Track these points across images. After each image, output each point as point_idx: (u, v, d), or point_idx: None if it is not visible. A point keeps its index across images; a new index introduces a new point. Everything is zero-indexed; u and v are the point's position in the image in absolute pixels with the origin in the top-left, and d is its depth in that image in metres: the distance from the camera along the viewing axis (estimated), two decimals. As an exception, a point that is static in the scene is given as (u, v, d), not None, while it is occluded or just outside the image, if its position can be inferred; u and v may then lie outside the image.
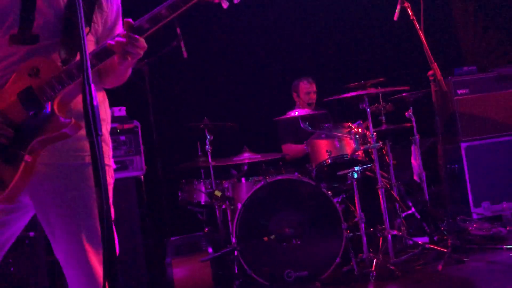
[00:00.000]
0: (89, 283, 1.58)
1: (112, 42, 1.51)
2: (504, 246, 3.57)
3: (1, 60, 1.56)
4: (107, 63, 1.58)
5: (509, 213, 4.22)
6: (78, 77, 1.51)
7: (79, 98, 1.23)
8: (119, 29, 1.74)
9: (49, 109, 1.52)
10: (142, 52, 1.55)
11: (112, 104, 1.83)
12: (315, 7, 5.56)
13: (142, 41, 1.53)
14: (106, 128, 1.71)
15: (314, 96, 4.61)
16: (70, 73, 1.51)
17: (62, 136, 1.52)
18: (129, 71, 1.73)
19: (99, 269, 1.58)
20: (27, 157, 1.50)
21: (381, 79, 4.04)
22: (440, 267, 3.27)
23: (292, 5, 5.51)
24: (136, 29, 1.52)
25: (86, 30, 1.61)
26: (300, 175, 3.64)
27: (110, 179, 1.70)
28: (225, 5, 1.57)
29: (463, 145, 4.45)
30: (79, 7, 1.19)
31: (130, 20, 1.54)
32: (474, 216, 4.32)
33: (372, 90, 3.68)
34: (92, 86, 1.18)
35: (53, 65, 1.54)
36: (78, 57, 1.57)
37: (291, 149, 4.50)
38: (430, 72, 3.64)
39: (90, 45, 1.66)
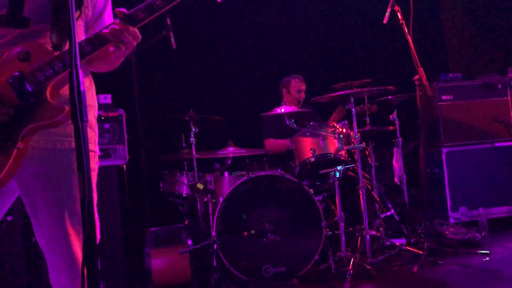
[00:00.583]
0: (70, 268, 1.58)
1: (107, 30, 1.50)
2: (478, 251, 3.65)
3: None
4: (101, 50, 1.56)
5: (485, 219, 4.30)
6: None
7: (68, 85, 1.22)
8: (108, 15, 1.73)
9: (41, 95, 1.49)
10: (135, 42, 1.54)
11: (98, 91, 1.82)
12: (305, 6, 5.58)
13: (136, 31, 1.52)
14: (93, 114, 1.70)
15: (303, 95, 4.64)
16: (63, 60, 1.50)
17: (56, 124, 1.51)
18: (120, 60, 1.73)
19: (79, 254, 1.58)
20: (20, 144, 1.48)
21: (368, 80, 4.08)
22: (415, 269, 3.33)
23: (283, 3, 5.51)
24: (130, 18, 1.51)
25: (77, 14, 1.59)
26: (283, 172, 3.67)
27: (95, 165, 1.70)
28: None
29: (444, 150, 4.52)
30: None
31: (124, 9, 1.53)
32: (451, 220, 4.40)
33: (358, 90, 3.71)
34: (80, 71, 1.17)
35: (44, 50, 1.52)
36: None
37: (273, 144, 4.52)
38: (416, 77, 3.69)
39: (80, 30, 1.65)
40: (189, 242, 3.57)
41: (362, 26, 5.62)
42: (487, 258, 3.52)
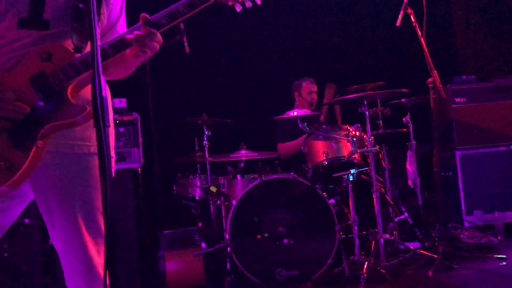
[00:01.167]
0: (86, 272, 1.59)
1: (131, 35, 1.53)
2: (495, 256, 3.60)
3: (10, 42, 1.56)
4: (119, 55, 1.59)
5: (500, 223, 4.25)
6: None
7: (89, 85, 1.24)
8: (121, 25, 1.77)
9: (62, 95, 1.52)
10: (158, 47, 1.57)
11: (113, 96, 1.85)
12: (318, 9, 5.58)
13: (159, 35, 1.56)
14: (112, 119, 1.72)
15: (315, 97, 4.63)
16: (84, 61, 1.52)
17: (74, 124, 1.53)
18: (133, 69, 1.76)
19: (96, 258, 1.60)
20: (39, 143, 1.50)
21: (381, 83, 4.06)
22: (430, 273, 3.31)
23: (295, 6, 5.52)
24: (153, 23, 1.55)
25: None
26: (295, 175, 3.66)
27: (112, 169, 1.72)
28: (238, 8, 1.61)
29: (458, 153, 4.48)
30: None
31: (147, 15, 1.56)
32: (466, 224, 4.36)
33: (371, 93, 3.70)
34: (102, 77, 1.19)
35: (66, 51, 1.54)
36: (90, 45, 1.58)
37: (287, 146, 4.51)
38: (430, 79, 3.67)
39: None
40: (203, 245, 3.59)
41: (375, 28, 5.61)
42: (504, 263, 3.48)
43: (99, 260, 1.60)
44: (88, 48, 1.58)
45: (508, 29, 5.60)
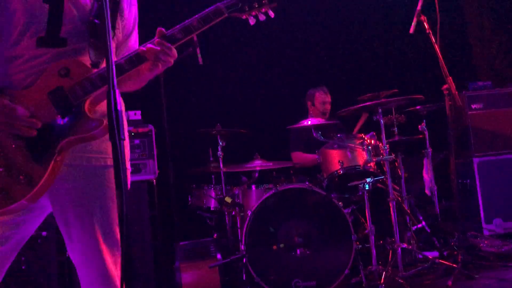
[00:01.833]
0: (103, 284, 1.60)
1: (144, 49, 1.56)
2: (516, 264, 3.53)
3: (28, 60, 1.58)
4: (135, 69, 1.61)
5: (521, 230, 4.17)
6: None
7: (105, 100, 1.26)
8: (134, 39, 1.80)
9: (80, 109, 1.55)
10: (172, 61, 1.60)
11: (127, 108, 1.88)
12: (331, 18, 5.59)
13: (174, 50, 1.59)
14: (126, 132, 1.74)
15: (328, 107, 4.62)
16: (102, 76, 1.55)
17: (92, 138, 1.56)
18: (147, 81, 1.78)
19: (113, 270, 1.60)
20: (57, 156, 1.52)
21: (395, 90, 4.04)
22: (450, 283, 3.24)
23: (308, 15, 5.54)
24: (168, 38, 1.58)
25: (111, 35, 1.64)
26: (311, 185, 3.64)
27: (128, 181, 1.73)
28: (252, 22, 1.63)
29: (476, 160, 4.42)
30: (107, 13, 1.22)
31: (163, 29, 1.60)
32: (485, 232, 4.28)
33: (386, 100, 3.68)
34: (117, 91, 1.21)
35: (83, 66, 1.57)
36: None
37: (301, 157, 4.50)
38: (445, 86, 3.63)
39: (113, 51, 1.70)
40: (218, 256, 3.58)
41: (389, 36, 5.59)
42: (525, 272, 3.41)
43: (116, 272, 1.61)
44: (105, 63, 1.60)
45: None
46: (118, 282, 1.59)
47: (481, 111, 4.52)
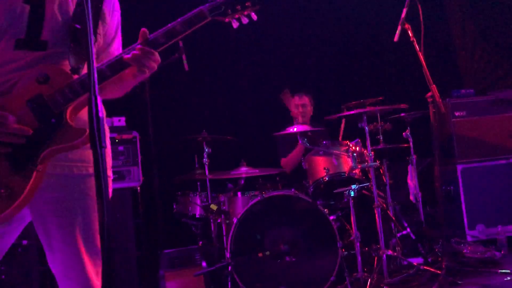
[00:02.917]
0: None
1: (128, 55, 1.52)
2: (499, 270, 3.56)
3: (5, 63, 1.53)
4: (118, 75, 1.58)
5: (503, 237, 4.21)
6: None
7: (87, 107, 1.23)
8: (116, 45, 1.76)
9: (61, 118, 1.50)
10: (156, 66, 1.57)
11: (112, 114, 1.85)
12: (317, 25, 5.62)
13: (157, 55, 1.56)
14: (108, 140, 1.71)
15: (302, 110, 4.57)
16: (83, 83, 1.51)
17: (74, 147, 1.51)
18: (130, 88, 1.75)
19: (96, 281, 1.57)
20: (39, 167, 1.47)
21: (380, 98, 4.06)
22: (434, 289, 3.26)
23: (294, 22, 5.56)
24: (151, 42, 1.54)
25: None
26: (296, 192, 3.64)
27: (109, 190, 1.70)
28: (235, 25, 1.61)
29: (459, 167, 4.46)
30: (88, 17, 1.20)
31: (146, 30, 1.56)
32: (469, 238, 4.31)
33: (371, 108, 3.70)
34: (99, 98, 1.18)
35: (63, 73, 1.53)
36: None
37: (288, 160, 4.49)
38: (429, 94, 3.67)
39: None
40: (204, 264, 3.55)
41: (374, 44, 5.64)
42: (508, 278, 3.44)
43: (98, 283, 1.57)
44: (85, 69, 1.57)
45: (506, 42, 5.63)
46: None
47: (464, 119, 4.57)
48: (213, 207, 3.73)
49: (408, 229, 4.02)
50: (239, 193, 3.89)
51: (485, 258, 3.81)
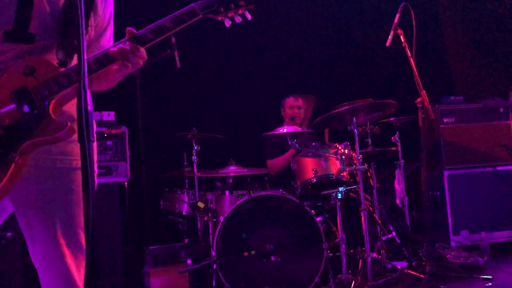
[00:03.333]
0: (64, 287, 1.55)
1: (114, 49, 1.51)
2: (481, 276, 3.61)
3: None
4: (104, 69, 1.57)
5: (487, 243, 4.26)
6: (76, 81, 1.50)
7: (73, 101, 1.22)
8: (107, 38, 1.74)
9: (44, 110, 1.49)
10: (141, 62, 1.55)
11: (101, 108, 1.84)
12: (310, 27, 5.63)
13: (143, 51, 1.54)
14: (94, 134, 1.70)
15: (297, 112, 4.60)
16: (68, 76, 1.49)
17: (56, 140, 1.50)
18: (120, 79, 1.73)
19: (76, 275, 1.56)
20: (18, 159, 1.46)
21: (369, 99, 4.08)
22: (417, 293, 3.29)
23: (288, 24, 5.57)
24: (138, 38, 1.53)
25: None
26: (284, 192, 3.65)
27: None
28: (227, 23, 1.60)
29: (446, 173, 4.50)
30: (81, 11, 1.19)
31: (133, 29, 1.54)
32: (453, 244, 4.36)
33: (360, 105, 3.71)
34: (88, 91, 1.18)
35: (50, 66, 1.51)
36: (75, 60, 1.55)
37: (276, 163, 4.50)
38: (419, 99, 3.71)
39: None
40: (189, 261, 3.54)
41: (367, 48, 5.66)
42: (490, 284, 3.48)
43: (79, 277, 1.56)
44: (73, 62, 1.56)
45: (497, 50, 5.70)
46: (81, 286, 1.55)
47: (452, 125, 4.61)
48: (200, 205, 3.73)
49: (394, 233, 4.05)
50: (226, 192, 3.89)
51: (468, 264, 3.85)
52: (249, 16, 1.62)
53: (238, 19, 1.62)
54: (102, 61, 1.53)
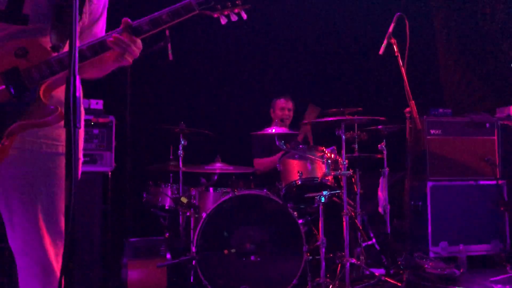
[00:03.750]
0: (43, 275, 1.54)
1: (110, 39, 1.51)
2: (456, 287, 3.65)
3: None
4: (98, 57, 1.56)
5: (464, 255, 4.32)
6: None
7: (62, 86, 1.20)
8: (100, 26, 1.74)
9: (34, 93, 1.47)
10: (138, 53, 1.55)
11: (90, 96, 1.82)
12: (303, 30, 5.64)
13: (139, 41, 1.54)
14: (82, 121, 1.68)
15: (287, 113, 4.62)
16: (61, 62, 1.48)
17: (45, 124, 1.48)
18: (109, 71, 1.73)
19: (55, 263, 1.54)
20: (5, 140, 1.44)
21: (359, 108, 4.11)
22: (392, 301, 3.32)
23: (282, 26, 5.57)
24: (134, 29, 1.53)
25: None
26: (268, 192, 3.65)
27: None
28: (223, 21, 1.61)
29: (429, 184, 4.54)
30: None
31: (129, 20, 1.54)
32: (431, 254, 4.40)
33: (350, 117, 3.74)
34: (78, 77, 1.16)
35: (43, 49, 1.50)
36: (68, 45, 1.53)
37: (263, 162, 4.51)
38: (407, 109, 3.73)
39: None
40: (168, 255, 3.52)
41: (358, 54, 5.69)
42: (464, 296, 3.53)
43: (57, 265, 1.55)
44: (66, 48, 1.54)
45: (488, 66, 5.77)
46: (59, 274, 1.53)
47: (439, 137, 4.66)
48: (184, 200, 3.71)
49: (374, 240, 4.08)
50: (211, 189, 3.88)
51: (445, 275, 3.89)
52: (244, 16, 1.63)
53: (234, 18, 1.63)
54: (96, 49, 1.52)
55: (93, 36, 1.67)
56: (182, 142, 3.82)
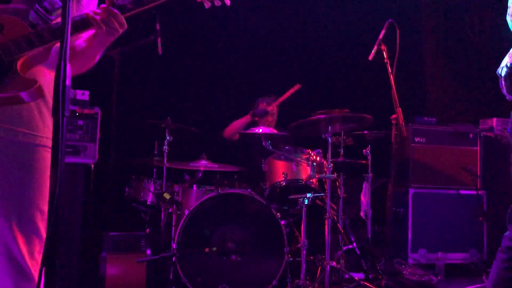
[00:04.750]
0: (14, 272, 1.47)
1: (90, 13, 1.47)
2: (433, 295, 3.70)
3: None
4: (78, 44, 1.52)
5: (442, 263, 4.37)
6: (49, 41, 1.44)
7: (44, 71, 1.16)
8: (87, 3, 1.69)
9: (10, 66, 1.41)
10: (120, 30, 1.52)
11: (76, 87, 1.78)
12: (293, 31, 5.65)
13: (121, 17, 1.50)
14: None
15: (270, 118, 4.59)
16: (40, 36, 1.44)
17: (18, 100, 1.40)
18: (97, 58, 1.69)
19: (29, 261, 1.47)
20: None
21: (347, 110, 4.12)
22: (370, 305, 3.34)
23: (273, 26, 5.56)
24: (117, 6, 1.50)
25: None
26: (252, 192, 3.65)
27: None
28: (207, 5, 1.58)
29: (411, 191, 4.59)
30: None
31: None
32: (410, 261, 4.45)
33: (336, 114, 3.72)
34: (68, 65, 1.13)
35: (20, 24, 1.45)
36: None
37: (231, 127, 4.48)
38: (394, 116, 3.76)
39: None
40: (148, 251, 3.49)
41: (348, 59, 5.72)
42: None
43: (31, 261, 1.48)
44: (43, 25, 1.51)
45: (470, 80, 5.86)
46: (34, 271, 1.46)
47: (423, 145, 4.71)
48: (166, 196, 3.68)
49: (354, 244, 4.10)
50: (194, 186, 3.85)
51: (422, 282, 3.93)
52: (228, 2, 1.60)
53: (217, 3, 1.59)
54: (78, 24, 1.48)
55: (80, 10, 1.62)
56: (168, 138, 3.78)
